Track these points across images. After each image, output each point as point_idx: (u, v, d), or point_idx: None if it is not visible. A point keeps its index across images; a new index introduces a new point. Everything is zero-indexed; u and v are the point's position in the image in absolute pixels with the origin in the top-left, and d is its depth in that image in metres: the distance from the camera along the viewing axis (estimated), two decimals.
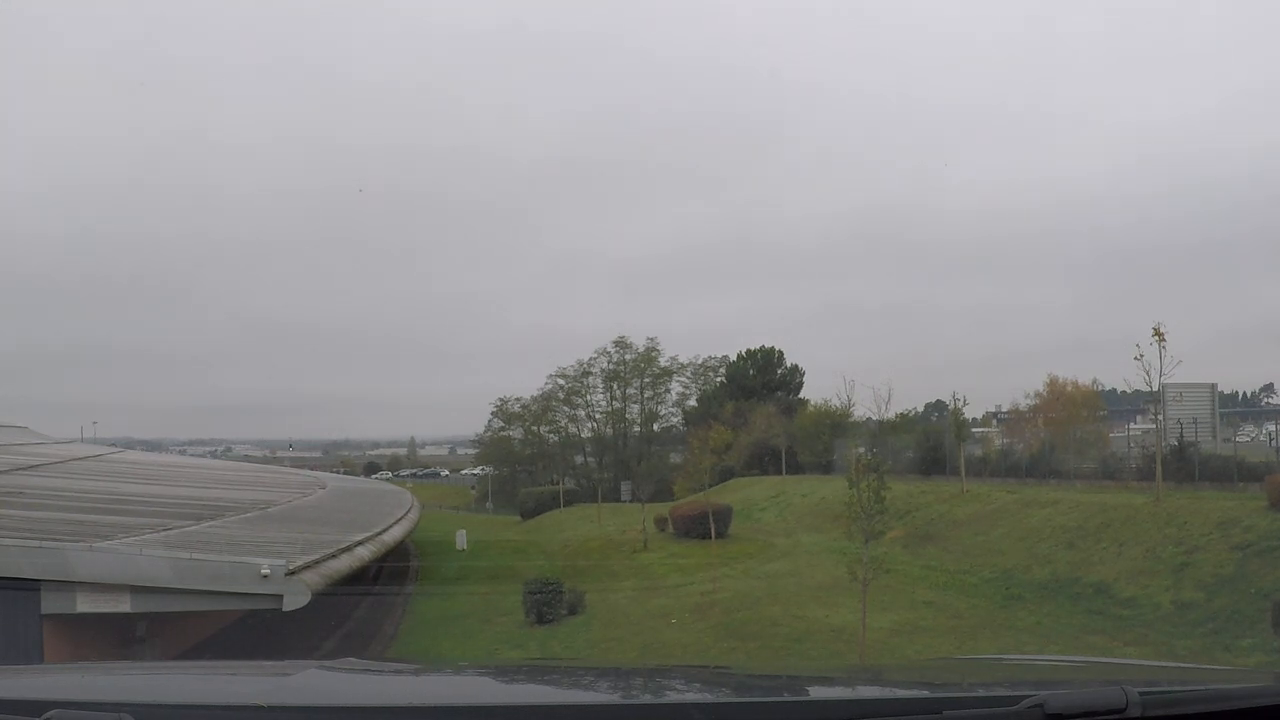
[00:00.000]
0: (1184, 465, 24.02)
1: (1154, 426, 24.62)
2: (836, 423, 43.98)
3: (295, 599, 13.57)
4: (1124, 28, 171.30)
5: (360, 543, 19.17)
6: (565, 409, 73.48)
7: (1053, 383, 42.57)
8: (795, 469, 43.13)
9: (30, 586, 12.72)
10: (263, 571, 13.35)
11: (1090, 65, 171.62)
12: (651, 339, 72.75)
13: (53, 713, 1.65)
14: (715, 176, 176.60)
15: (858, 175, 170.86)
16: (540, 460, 73.73)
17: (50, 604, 13.07)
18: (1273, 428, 36.15)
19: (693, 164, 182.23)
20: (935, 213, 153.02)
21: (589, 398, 73.24)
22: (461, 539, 32.52)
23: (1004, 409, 50.19)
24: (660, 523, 31.28)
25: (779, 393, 58.60)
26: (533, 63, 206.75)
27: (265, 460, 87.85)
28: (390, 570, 24.92)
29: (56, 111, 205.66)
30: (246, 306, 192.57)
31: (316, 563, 15.14)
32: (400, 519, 26.55)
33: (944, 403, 48.98)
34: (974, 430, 39.19)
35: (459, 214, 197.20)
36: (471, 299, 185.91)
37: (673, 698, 2.29)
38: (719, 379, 66.91)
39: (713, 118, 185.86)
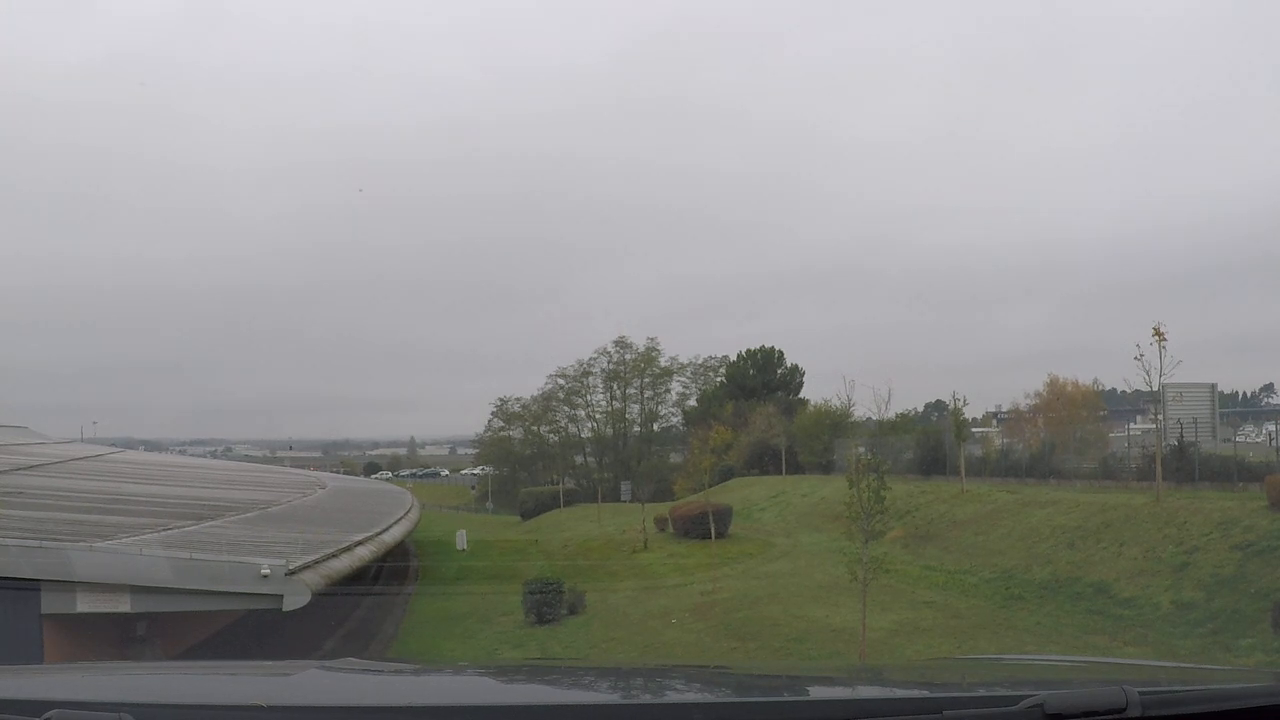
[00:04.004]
0: (1184, 465, 24.00)
1: (1154, 426, 24.62)
2: (836, 423, 43.95)
3: (295, 599, 13.57)
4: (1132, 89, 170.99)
5: (360, 543, 19.17)
6: (565, 409, 73.46)
7: (1053, 382, 42.52)
8: (795, 469, 43.12)
9: (30, 586, 12.71)
10: (263, 571, 13.35)
11: (1097, 105, 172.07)
12: (652, 339, 72.81)
13: (53, 713, 1.65)
14: (725, 216, 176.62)
15: (862, 205, 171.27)
16: (540, 460, 73.69)
17: (50, 604, 13.07)
18: (1273, 428, 36.11)
19: (705, 205, 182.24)
20: (943, 235, 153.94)
21: (589, 398, 73.25)
22: (461, 539, 32.51)
23: (1004, 409, 50.20)
24: (660, 523, 31.28)
25: (779, 393, 58.54)
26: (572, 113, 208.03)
27: (265, 460, 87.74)
28: (390, 570, 24.91)
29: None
30: (247, 307, 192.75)
31: (316, 563, 15.14)
32: (400, 519, 26.55)
33: (944, 403, 49.01)
34: (974, 430, 39.15)
35: (482, 239, 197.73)
36: (472, 299, 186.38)
37: (673, 698, 2.29)
38: (719, 379, 66.86)
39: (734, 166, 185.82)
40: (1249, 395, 79.99)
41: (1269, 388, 79.42)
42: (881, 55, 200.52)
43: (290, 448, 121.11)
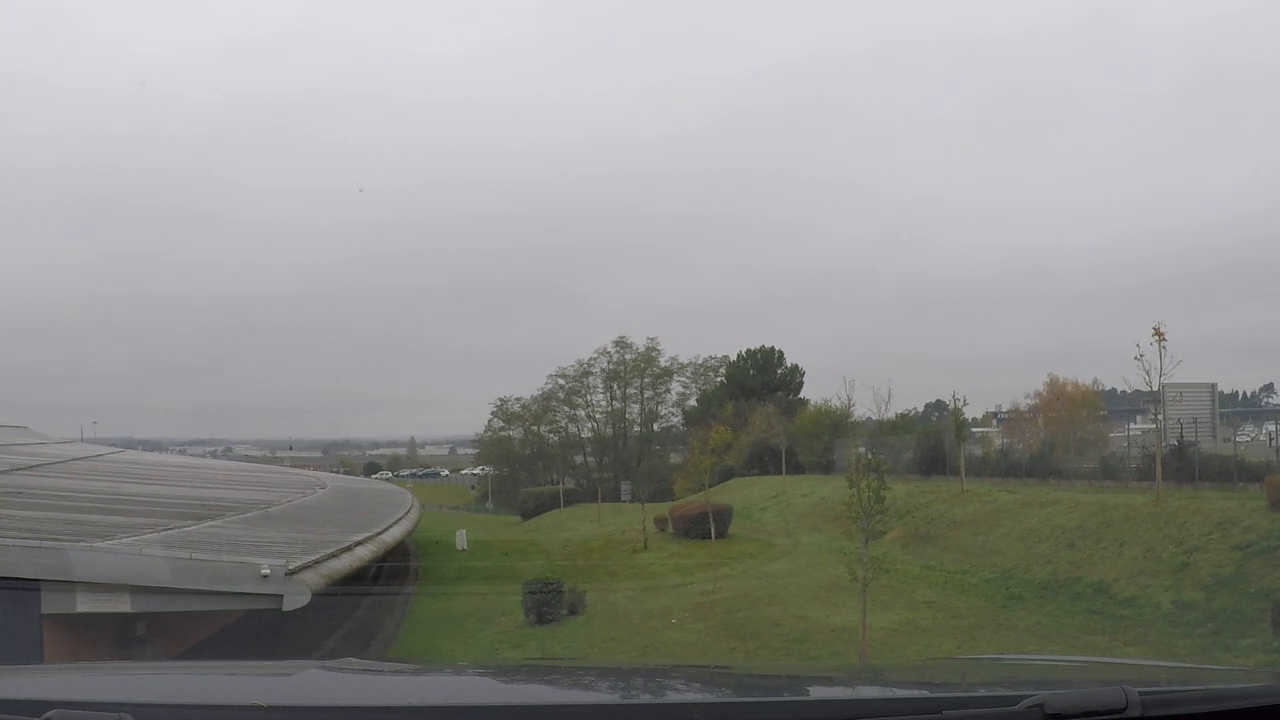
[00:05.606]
0: (1184, 465, 23.98)
1: (1154, 426, 24.61)
2: (836, 422, 43.84)
3: (295, 599, 13.59)
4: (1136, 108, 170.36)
5: (360, 543, 19.18)
6: (565, 409, 73.40)
7: (1053, 382, 42.57)
8: (795, 469, 43.11)
9: (30, 586, 12.73)
10: (263, 571, 13.36)
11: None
12: (652, 339, 72.77)
13: (53, 713, 1.65)
14: (725, 218, 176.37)
15: (864, 207, 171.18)
16: (540, 460, 73.62)
17: (50, 604, 13.08)
18: (1273, 428, 36.12)
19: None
20: (944, 237, 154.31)
21: (589, 398, 73.17)
22: (461, 539, 32.49)
23: (1004, 409, 50.28)
24: (660, 523, 31.27)
25: (779, 392, 58.50)
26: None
27: (265, 460, 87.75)
28: (390, 570, 24.90)
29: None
30: (248, 309, 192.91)
31: (316, 563, 15.15)
32: (400, 519, 26.55)
33: (944, 403, 49.02)
34: (974, 430, 39.15)
35: (483, 243, 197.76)
36: (473, 301, 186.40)
37: (673, 698, 2.29)
38: (719, 379, 66.84)
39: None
40: (1249, 395, 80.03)
41: (1269, 388, 79.44)
42: (883, 58, 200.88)
43: (290, 448, 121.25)
